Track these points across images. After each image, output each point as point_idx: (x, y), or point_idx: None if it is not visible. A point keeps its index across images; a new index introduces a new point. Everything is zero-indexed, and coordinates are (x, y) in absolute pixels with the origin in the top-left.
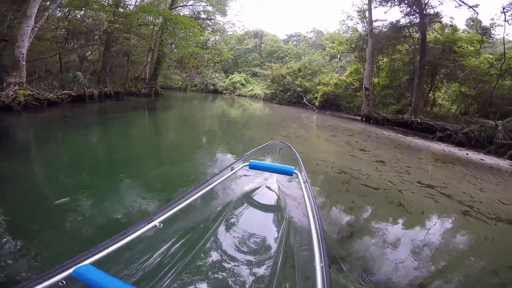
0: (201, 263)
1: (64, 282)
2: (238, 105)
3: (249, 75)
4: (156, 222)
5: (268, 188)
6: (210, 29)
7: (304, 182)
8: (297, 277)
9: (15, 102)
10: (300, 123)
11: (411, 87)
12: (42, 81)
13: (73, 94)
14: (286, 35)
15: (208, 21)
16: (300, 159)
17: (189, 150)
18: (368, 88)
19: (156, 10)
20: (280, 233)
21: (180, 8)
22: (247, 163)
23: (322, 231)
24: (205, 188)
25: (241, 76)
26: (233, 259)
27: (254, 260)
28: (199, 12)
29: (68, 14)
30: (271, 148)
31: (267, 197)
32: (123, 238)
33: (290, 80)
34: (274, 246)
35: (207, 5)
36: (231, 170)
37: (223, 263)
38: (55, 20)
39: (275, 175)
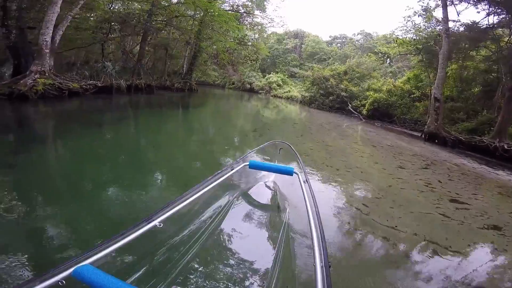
0: (201, 262)
1: (64, 282)
2: (273, 107)
3: (287, 76)
4: (156, 222)
5: (268, 187)
6: (248, 24)
7: (304, 182)
8: (297, 277)
9: (32, 91)
10: (350, 139)
11: (485, 101)
12: (77, 71)
13: (99, 85)
14: (330, 36)
15: (245, 15)
16: (300, 159)
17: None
18: (439, 100)
19: (193, 0)
20: (280, 233)
21: (219, 2)
22: (247, 163)
23: (322, 231)
24: (205, 187)
25: (278, 77)
26: (233, 258)
27: (254, 260)
28: (238, 6)
29: (112, 6)
30: (271, 148)
31: (267, 197)
32: (123, 238)
33: (334, 83)
34: (274, 246)
35: (247, 1)
36: (231, 170)
37: (223, 263)
38: (101, 10)
39: (275, 174)
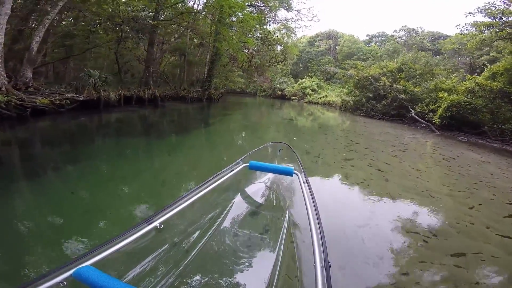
0: (201, 263)
1: (65, 283)
2: (307, 114)
3: (322, 80)
4: (156, 223)
5: (268, 188)
6: (271, 20)
7: (304, 182)
8: (297, 277)
9: None
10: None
11: None
12: (69, 83)
13: (81, 98)
14: (367, 35)
15: (268, 11)
16: (300, 160)
17: None
18: None
19: None
20: (280, 233)
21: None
22: (247, 164)
23: (322, 231)
24: (205, 189)
25: (312, 81)
26: (233, 259)
27: (254, 261)
28: (257, 1)
29: (120, 10)
30: (271, 149)
31: (267, 198)
32: (124, 239)
33: (387, 83)
34: (274, 246)
35: None
36: (231, 171)
37: (223, 264)
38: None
39: (275, 175)
